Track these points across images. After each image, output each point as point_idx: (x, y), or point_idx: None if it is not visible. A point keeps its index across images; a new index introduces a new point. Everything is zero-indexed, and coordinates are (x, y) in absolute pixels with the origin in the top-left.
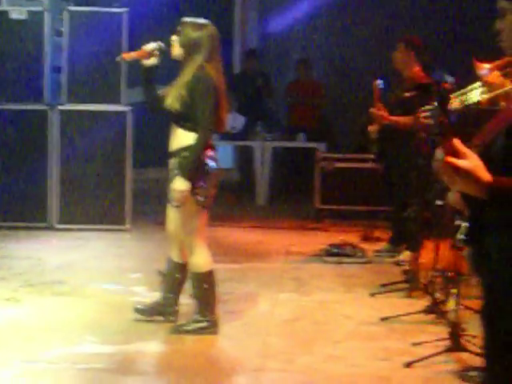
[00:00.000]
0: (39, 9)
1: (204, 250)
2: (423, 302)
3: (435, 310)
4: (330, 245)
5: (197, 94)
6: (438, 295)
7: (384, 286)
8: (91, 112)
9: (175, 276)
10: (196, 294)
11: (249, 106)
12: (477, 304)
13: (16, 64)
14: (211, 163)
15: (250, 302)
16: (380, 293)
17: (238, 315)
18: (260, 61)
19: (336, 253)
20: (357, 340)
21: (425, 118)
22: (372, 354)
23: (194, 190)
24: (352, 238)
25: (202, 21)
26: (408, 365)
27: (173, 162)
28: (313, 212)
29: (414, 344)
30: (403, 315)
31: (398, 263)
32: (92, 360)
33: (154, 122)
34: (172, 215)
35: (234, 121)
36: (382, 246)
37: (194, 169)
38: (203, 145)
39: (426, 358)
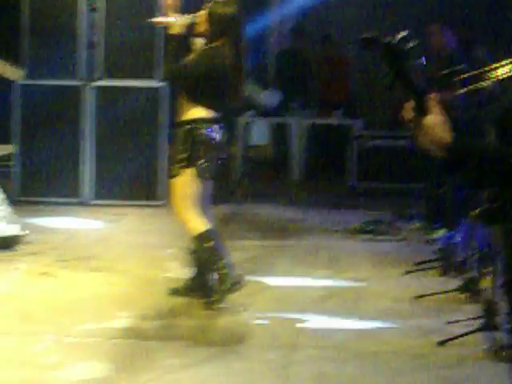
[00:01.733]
0: None
1: (195, 214)
2: (457, 281)
3: (470, 288)
4: (365, 222)
5: (199, 54)
6: (472, 273)
7: (418, 264)
8: (125, 88)
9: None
10: (203, 257)
11: (290, 83)
12: None
13: (51, 40)
14: (213, 136)
15: (284, 279)
16: (414, 271)
17: (273, 292)
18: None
19: (370, 230)
20: (390, 318)
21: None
22: (405, 332)
23: (193, 161)
24: (386, 216)
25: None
26: (442, 343)
27: (178, 134)
28: (348, 189)
29: (448, 322)
30: (437, 293)
31: (432, 241)
32: (125, 334)
33: None
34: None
35: (270, 97)
36: (417, 223)
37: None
38: (166, 68)
39: (460, 336)
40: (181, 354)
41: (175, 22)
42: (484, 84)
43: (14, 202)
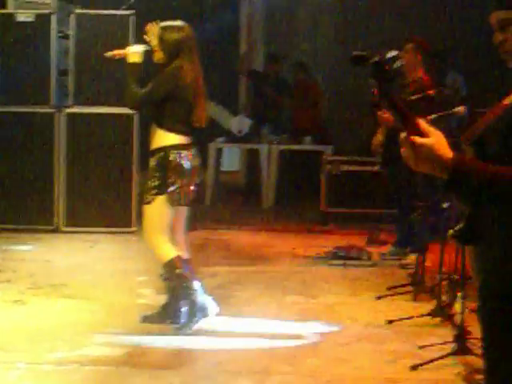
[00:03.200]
0: (46, 12)
1: (164, 241)
2: (429, 305)
3: (441, 313)
4: (336, 248)
5: (157, 78)
6: (443, 298)
7: (390, 289)
8: (98, 115)
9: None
10: (172, 284)
11: (258, 109)
12: None
13: (23, 67)
14: (185, 163)
15: (255, 304)
16: (386, 296)
17: (244, 318)
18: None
19: (342, 256)
20: (363, 343)
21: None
22: (378, 357)
23: (164, 188)
24: (358, 241)
25: (179, 23)
26: (414, 367)
27: (151, 162)
28: (319, 215)
29: (421, 347)
30: (409, 318)
31: (403, 266)
32: (99, 361)
33: None
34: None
35: (240, 123)
36: (388, 249)
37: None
38: (128, 97)
39: (433, 360)
40: (154, 381)
41: (132, 51)
42: (455, 110)
43: None
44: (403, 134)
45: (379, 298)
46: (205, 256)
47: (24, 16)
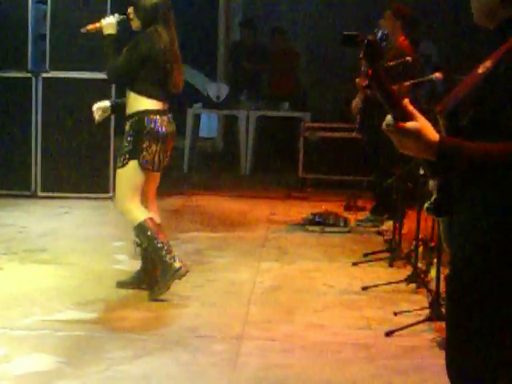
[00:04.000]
0: None
1: (135, 205)
2: (405, 272)
3: (417, 279)
4: (313, 214)
5: (131, 44)
6: (419, 265)
7: (366, 255)
8: (75, 79)
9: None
10: (146, 247)
11: (237, 75)
12: None
13: (0, 32)
14: (160, 128)
15: (231, 270)
16: (362, 262)
17: (220, 283)
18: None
19: (318, 222)
20: (338, 309)
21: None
22: (353, 323)
23: (137, 153)
24: (335, 207)
25: None
26: (389, 333)
27: (126, 126)
28: (296, 181)
29: (396, 313)
30: (385, 284)
31: (380, 233)
32: (73, 327)
33: None
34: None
35: (218, 90)
36: (365, 215)
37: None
38: (110, 70)
39: (407, 326)
40: (128, 346)
41: (106, 23)
42: (433, 76)
43: None
44: (389, 117)
45: (355, 264)
46: (181, 222)
47: None
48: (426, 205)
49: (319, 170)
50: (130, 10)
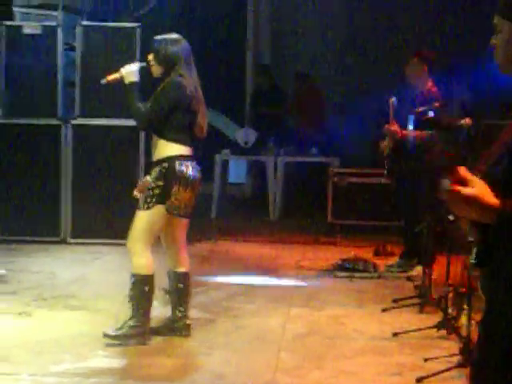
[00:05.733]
0: (52, 24)
1: (149, 254)
2: (435, 318)
3: (447, 325)
4: (342, 260)
5: (160, 91)
6: (449, 311)
7: (396, 301)
8: (104, 127)
9: (178, 287)
10: (133, 296)
11: (263, 121)
12: None
13: (29, 79)
14: (190, 173)
15: (261, 316)
16: (392, 308)
17: (249, 330)
18: (274, 76)
19: (348, 268)
20: (368, 355)
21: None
22: (383, 370)
23: (165, 198)
24: (364, 252)
25: (174, 36)
26: (420, 380)
27: (153, 171)
28: (325, 227)
29: (426, 359)
30: (415, 330)
31: (409, 278)
32: (103, 374)
33: None
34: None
35: (246, 136)
36: (394, 261)
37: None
38: (137, 118)
39: (438, 373)
40: None
41: (127, 72)
42: (462, 122)
43: None
44: (446, 182)
45: (385, 310)
46: (210, 268)
47: (31, 28)
48: (471, 260)
49: (348, 215)
50: (151, 57)
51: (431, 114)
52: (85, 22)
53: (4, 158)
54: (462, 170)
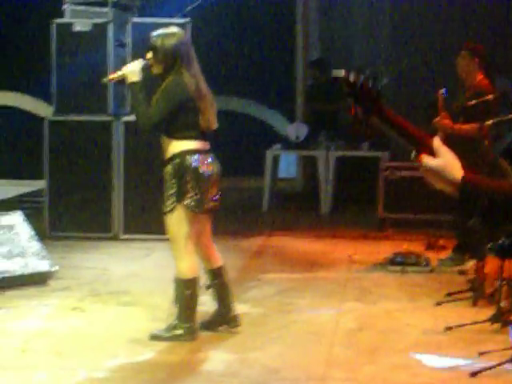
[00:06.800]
0: (103, 21)
1: (191, 257)
2: (488, 312)
3: (501, 319)
4: (394, 253)
5: (161, 92)
6: (503, 304)
7: (449, 295)
8: None
9: (217, 282)
10: (177, 300)
11: (315, 115)
12: None
13: (80, 76)
14: (201, 167)
15: (313, 311)
16: (445, 302)
17: (302, 324)
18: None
19: (400, 262)
20: (421, 349)
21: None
22: (437, 364)
23: (182, 195)
24: (416, 246)
25: (171, 30)
26: (474, 374)
27: (165, 171)
28: (376, 221)
29: (480, 353)
30: (468, 324)
31: (462, 272)
32: (156, 369)
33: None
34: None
35: (297, 130)
36: (447, 254)
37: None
38: (140, 120)
39: (492, 367)
40: None
41: (129, 71)
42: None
43: (44, 237)
44: (413, 153)
45: (438, 304)
46: (262, 263)
47: (81, 25)
48: (489, 245)
49: (399, 209)
50: (150, 55)
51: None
52: (135, 19)
53: (56, 154)
54: (435, 141)
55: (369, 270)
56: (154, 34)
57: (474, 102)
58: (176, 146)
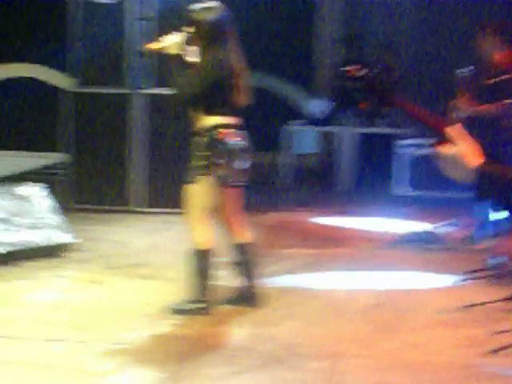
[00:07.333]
0: None
1: (206, 228)
2: (507, 291)
3: None
4: (412, 231)
5: (198, 68)
6: None
7: (468, 272)
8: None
9: (241, 258)
10: (191, 271)
11: (336, 92)
12: None
13: (99, 48)
14: (230, 141)
15: (331, 287)
16: (464, 280)
17: (320, 300)
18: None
19: (419, 238)
20: (438, 328)
21: None
22: (454, 342)
23: (213, 169)
24: (435, 224)
25: (211, 3)
26: (490, 353)
27: (194, 142)
28: (396, 198)
29: (497, 332)
30: (487, 303)
31: (482, 251)
32: (173, 342)
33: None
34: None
35: (318, 106)
36: (466, 232)
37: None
38: (178, 93)
39: (508, 346)
40: (225, 362)
41: (171, 43)
42: None
43: (65, 209)
44: (432, 143)
45: (456, 282)
46: (279, 238)
47: None
48: None
49: (418, 186)
50: (189, 28)
51: None
52: None
53: (77, 127)
54: (450, 130)
55: (386, 246)
56: (195, 7)
57: (493, 80)
58: (209, 120)
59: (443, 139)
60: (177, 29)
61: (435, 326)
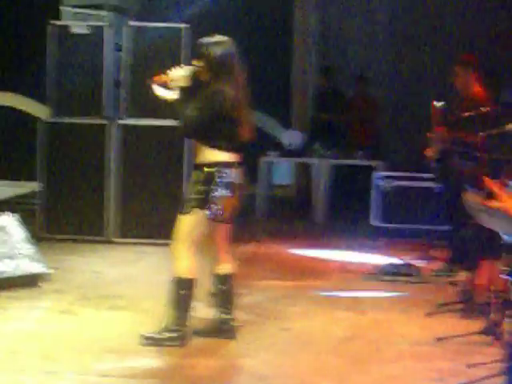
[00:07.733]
0: (101, 24)
1: (192, 258)
2: (479, 324)
3: (491, 331)
4: (386, 263)
5: (203, 100)
6: (493, 316)
7: (440, 306)
8: (150, 127)
9: (220, 289)
10: (170, 301)
11: (320, 124)
12: None
13: (78, 78)
14: (231, 180)
15: (304, 319)
16: (436, 313)
17: (293, 332)
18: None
19: (392, 272)
20: (411, 360)
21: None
22: (426, 375)
23: (207, 202)
24: (408, 257)
25: (220, 38)
26: None
27: (194, 175)
28: (369, 230)
29: (469, 365)
30: (459, 336)
31: (454, 283)
32: (146, 374)
33: None
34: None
35: (291, 137)
36: (440, 265)
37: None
38: (183, 125)
39: (481, 379)
40: None
41: (177, 76)
42: (509, 126)
43: (37, 239)
44: (473, 194)
45: (429, 314)
46: (255, 270)
47: (79, 28)
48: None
49: (393, 219)
50: (197, 61)
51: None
52: (132, 22)
53: (53, 157)
54: (489, 182)
55: (360, 279)
56: (204, 41)
57: (467, 113)
58: (210, 155)
59: (490, 194)
60: (152, 59)
61: (408, 358)
